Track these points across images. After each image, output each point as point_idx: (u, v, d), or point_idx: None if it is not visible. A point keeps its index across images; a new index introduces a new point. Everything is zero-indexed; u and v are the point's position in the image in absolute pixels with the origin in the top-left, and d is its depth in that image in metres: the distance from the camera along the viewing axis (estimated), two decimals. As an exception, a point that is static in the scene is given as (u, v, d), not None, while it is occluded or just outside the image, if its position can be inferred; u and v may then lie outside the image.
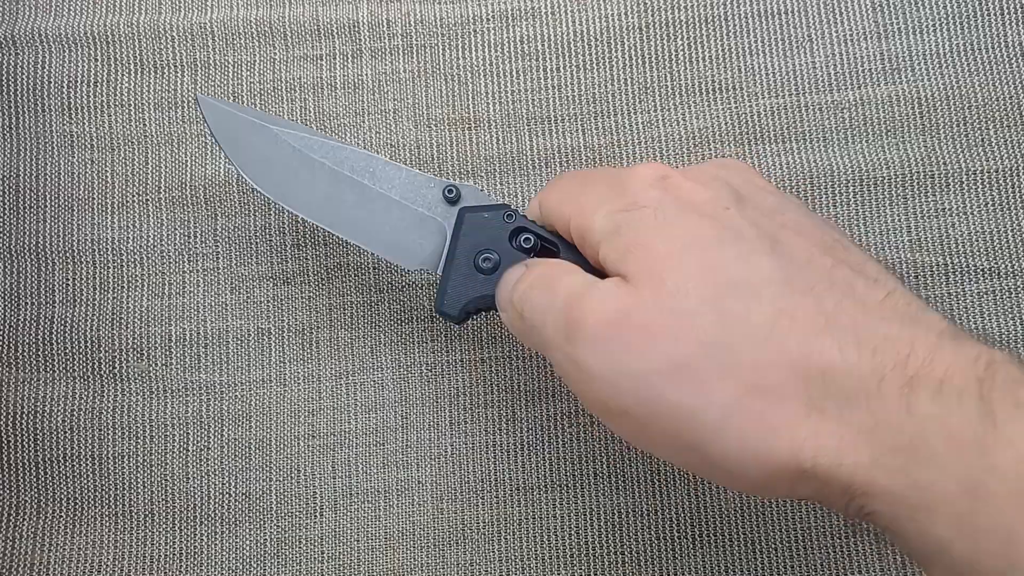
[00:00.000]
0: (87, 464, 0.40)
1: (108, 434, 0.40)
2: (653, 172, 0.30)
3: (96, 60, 0.43)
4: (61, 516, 0.39)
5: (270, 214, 0.41)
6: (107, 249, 0.41)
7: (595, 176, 0.31)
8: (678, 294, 0.26)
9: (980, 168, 0.40)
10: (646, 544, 0.38)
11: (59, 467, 0.40)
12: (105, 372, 0.40)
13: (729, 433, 0.25)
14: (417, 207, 0.34)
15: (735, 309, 0.26)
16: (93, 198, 0.42)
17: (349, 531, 0.39)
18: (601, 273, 0.30)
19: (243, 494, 0.39)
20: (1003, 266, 0.40)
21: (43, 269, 0.41)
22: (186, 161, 0.42)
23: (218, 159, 0.42)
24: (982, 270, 0.40)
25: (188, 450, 0.40)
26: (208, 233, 0.41)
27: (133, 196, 0.42)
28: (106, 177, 0.42)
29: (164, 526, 0.39)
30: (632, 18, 0.42)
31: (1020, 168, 0.40)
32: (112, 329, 0.40)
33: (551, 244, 0.32)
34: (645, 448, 0.28)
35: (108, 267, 0.41)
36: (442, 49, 0.43)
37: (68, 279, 0.41)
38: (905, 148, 0.41)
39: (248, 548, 0.39)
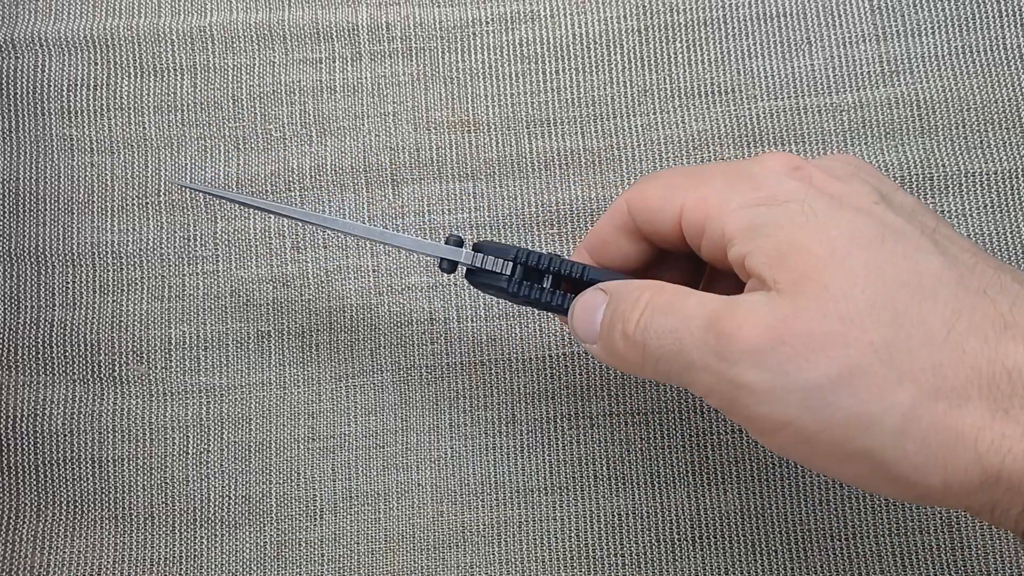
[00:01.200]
0: (87, 467, 0.40)
1: (108, 437, 0.40)
2: (784, 162, 0.28)
3: (96, 64, 0.43)
4: (61, 519, 0.39)
5: (270, 217, 0.41)
6: (107, 252, 0.41)
7: (708, 168, 0.30)
8: (845, 299, 0.24)
9: (979, 170, 0.40)
10: (646, 546, 0.38)
11: (59, 470, 0.40)
12: (105, 375, 0.40)
13: (909, 438, 0.24)
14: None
15: (909, 310, 0.24)
16: (93, 201, 0.42)
17: (349, 534, 0.39)
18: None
19: (243, 497, 0.39)
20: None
21: (43, 272, 0.41)
22: (186, 164, 0.42)
23: (217, 162, 0.42)
24: (981, 272, 0.40)
25: (188, 453, 0.40)
26: (208, 236, 0.41)
27: (133, 199, 0.42)
28: (106, 180, 0.42)
29: (164, 529, 0.39)
30: (631, 21, 0.43)
31: (1019, 171, 0.40)
32: (112, 332, 0.40)
33: (559, 310, 0.31)
34: (801, 459, 0.26)
35: (108, 270, 0.41)
36: (441, 52, 0.43)
37: (68, 282, 0.41)
38: (904, 151, 0.41)
39: (248, 551, 0.39)
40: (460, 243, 0.32)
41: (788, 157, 0.28)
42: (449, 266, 0.32)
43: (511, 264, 0.31)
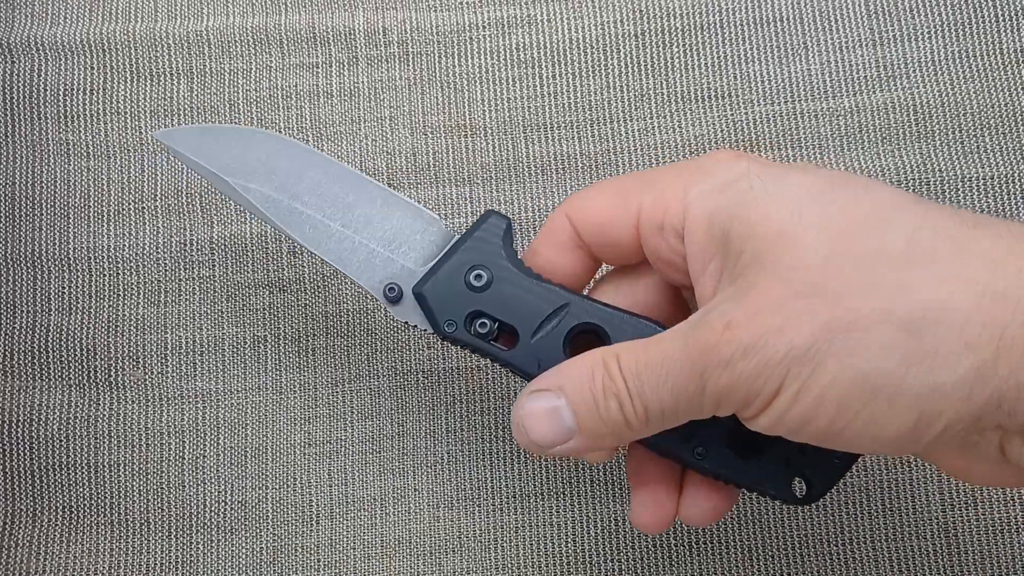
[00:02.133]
0: (83, 472, 0.39)
1: (104, 442, 0.40)
2: (729, 152, 0.29)
3: (92, 68, 0.43)
4: (57, 524, 0.39)
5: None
6: (103, 257, 0.41)
7: (657, 169, 0.30)
8: (801, 265, 0.25)
9: (976, 175, 0.40)
10: (643, 552, 0.38)
11: (55, 475, 0.40)
12: (101, 380, 0.40)
13: (895, 346, 0.24)
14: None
15: (867, 247, 0.25)
16: (89, 206, 0.42)
17: (345, 539, 0.39)
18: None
19: (239, 502, 0.39)
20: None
21: (39, 277, 0.41)
22: (182, 169, 0.42)
23: (214, 167, 0.42)
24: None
25: (184, 458, 0.40)
26: (204, 241, 0.41)
27: (129, 204, 0.42)
28: (102, 185, 0.42)
29: (160, 534, 0.39)
30: (628, 25, 0.43)
31: (1016, 175, 0.40)
32: (108, 337, 0.40)
33: (509, 329, 0.30)
34: (809, 419, 0.25)
35: (104, 275, 0.41)
36: (438, 56, 0.43)
37: (64, 287, 0.41)
38: (901, 155, 0.41)
39: (244, 556, 0.39)
40: (400, 297, 0.31)
41: (732, 151, 0.29)
42: (397, 292, 0.31)
43: (440, 335, 0.31)
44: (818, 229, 0.26)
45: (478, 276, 0.30)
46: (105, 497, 0.39)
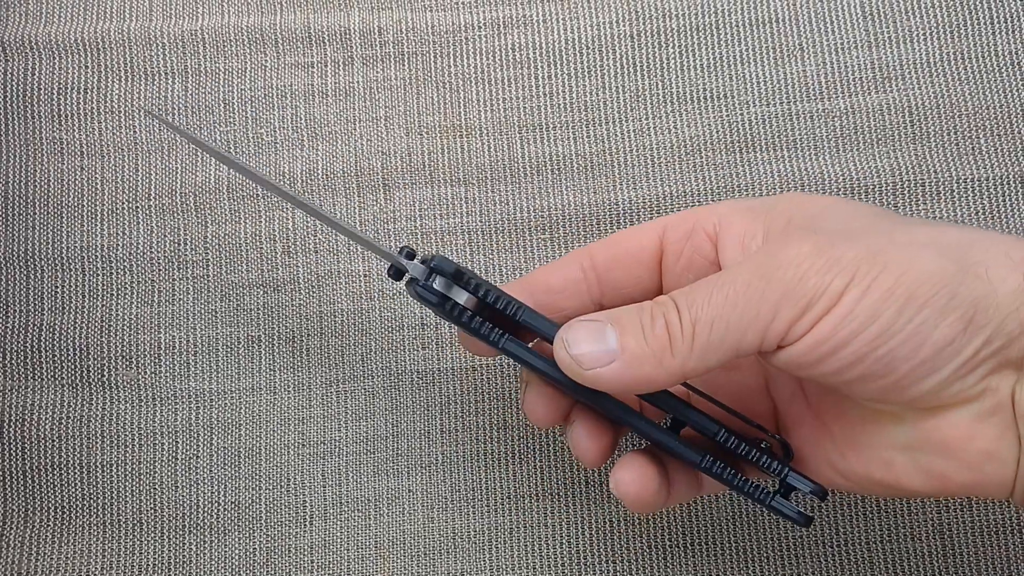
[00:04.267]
0: (75, 473, 0.39)
1: (96, 442, 0.39)
2: (807, 249, 0.28)
3: (86, 67, 0.43)
4: (49, 525, 0.39)
5: (261, 221, 0.41)
6: (96, 256, 0.41)
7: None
8: (854, 224, 0.29)
9: (971, 177, 0.40)
10: (637, 553, 0.38)
11: (47, 475, 0.39)
12: (94, 380, 0.40)
13: (969, 258, 0.27)
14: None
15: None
16: (82, 205, 0.41)
17: (339, 540, 0.39)
18: None
19: (232, 503, 0.39)
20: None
21: (32, 276, 0.41)
22: (176, 168, 0.42)
23: (208, 167, 0.41)
24: (973, 278, 0.40)
25: (177, 459, 0.39)
26: (198, 240, 0.41)
27: (123, 203, 0.41)
28: (96, 184, 0.42)
29: (152, 535, 0.39)
30: (623, 26, 0.43)
31: (1011, 177, 0.40)
32: (101, 337, 0.40)
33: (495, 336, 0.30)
34: (873, 334, 0.26)
35: (97, 274, 0.41)
36: (434, 57, 0.43)
37: (57, 286, 0.41)
38: (896, 157, 0.41)
39: (237, 557, 0.39)
40: (412, 255, 0.31)
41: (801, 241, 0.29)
42: (396, 274, 0.31)
43: (465, 293, 0.30)
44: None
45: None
46: (97, 497, 0.39)
